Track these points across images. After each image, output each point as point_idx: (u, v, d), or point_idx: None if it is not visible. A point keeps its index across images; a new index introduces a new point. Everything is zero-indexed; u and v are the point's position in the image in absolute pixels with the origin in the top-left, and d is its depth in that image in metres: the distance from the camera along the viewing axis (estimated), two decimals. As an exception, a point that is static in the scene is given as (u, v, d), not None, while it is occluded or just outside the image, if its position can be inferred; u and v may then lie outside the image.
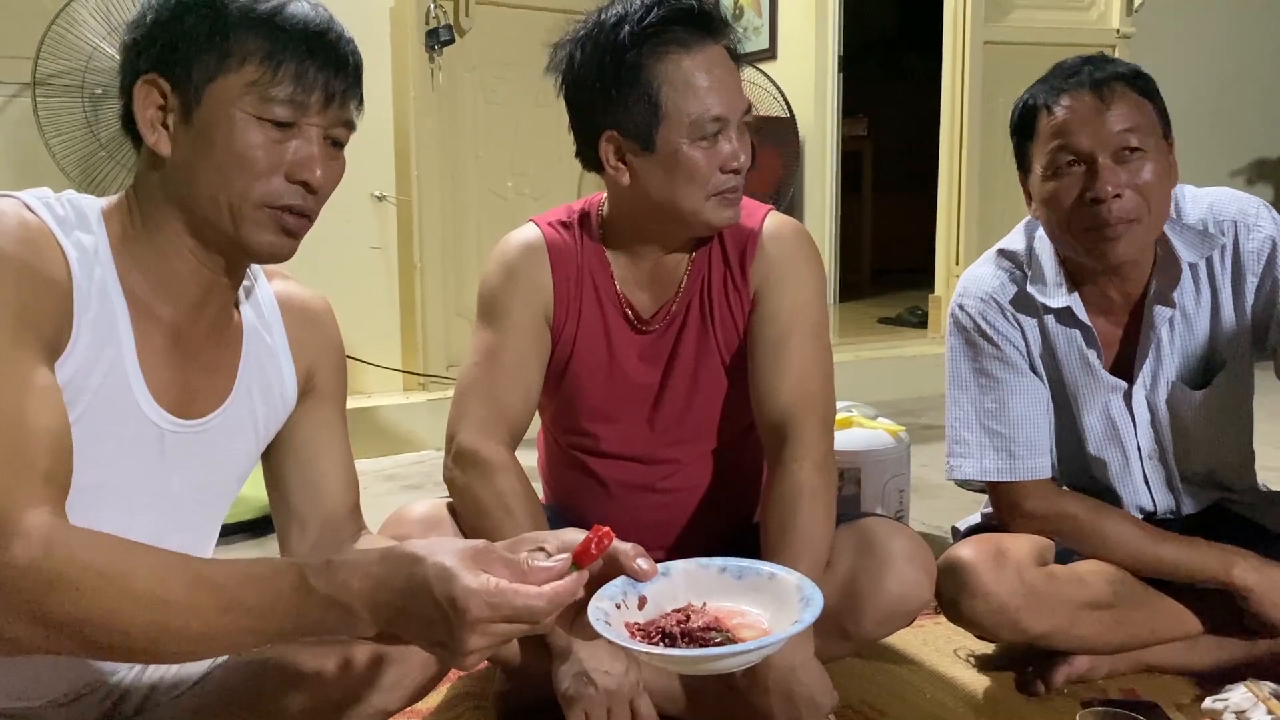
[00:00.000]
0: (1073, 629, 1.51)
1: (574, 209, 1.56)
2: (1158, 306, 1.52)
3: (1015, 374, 1.57)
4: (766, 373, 1.46)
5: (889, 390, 3.79)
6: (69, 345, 0.99)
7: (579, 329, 1.51)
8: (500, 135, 3.46)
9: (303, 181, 1.04)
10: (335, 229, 3.22)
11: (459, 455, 1.44)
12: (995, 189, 4.21)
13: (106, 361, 1.03)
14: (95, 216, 1.05)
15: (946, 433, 1.64)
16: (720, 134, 1.38)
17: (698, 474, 1.57)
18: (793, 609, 0.92)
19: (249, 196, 1.04)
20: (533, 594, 0.84)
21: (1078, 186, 1.44)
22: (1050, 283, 1.55)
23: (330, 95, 1.05)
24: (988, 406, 1.58)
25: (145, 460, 1.08)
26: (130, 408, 1.05)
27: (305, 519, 1.26)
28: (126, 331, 1.04)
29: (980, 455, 1.58)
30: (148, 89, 1.03)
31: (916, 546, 1.42)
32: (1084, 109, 1.43)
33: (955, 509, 2.40)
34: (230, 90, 1.02)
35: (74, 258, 1.00)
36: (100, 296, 1.02)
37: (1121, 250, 1.44)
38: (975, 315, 1.59)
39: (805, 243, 1.52)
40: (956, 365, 1.62)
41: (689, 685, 1.45)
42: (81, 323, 1.00)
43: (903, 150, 5.87)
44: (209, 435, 1.14)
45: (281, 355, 1.22)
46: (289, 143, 1.04)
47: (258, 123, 1.02)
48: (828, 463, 1.42)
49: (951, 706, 1.55)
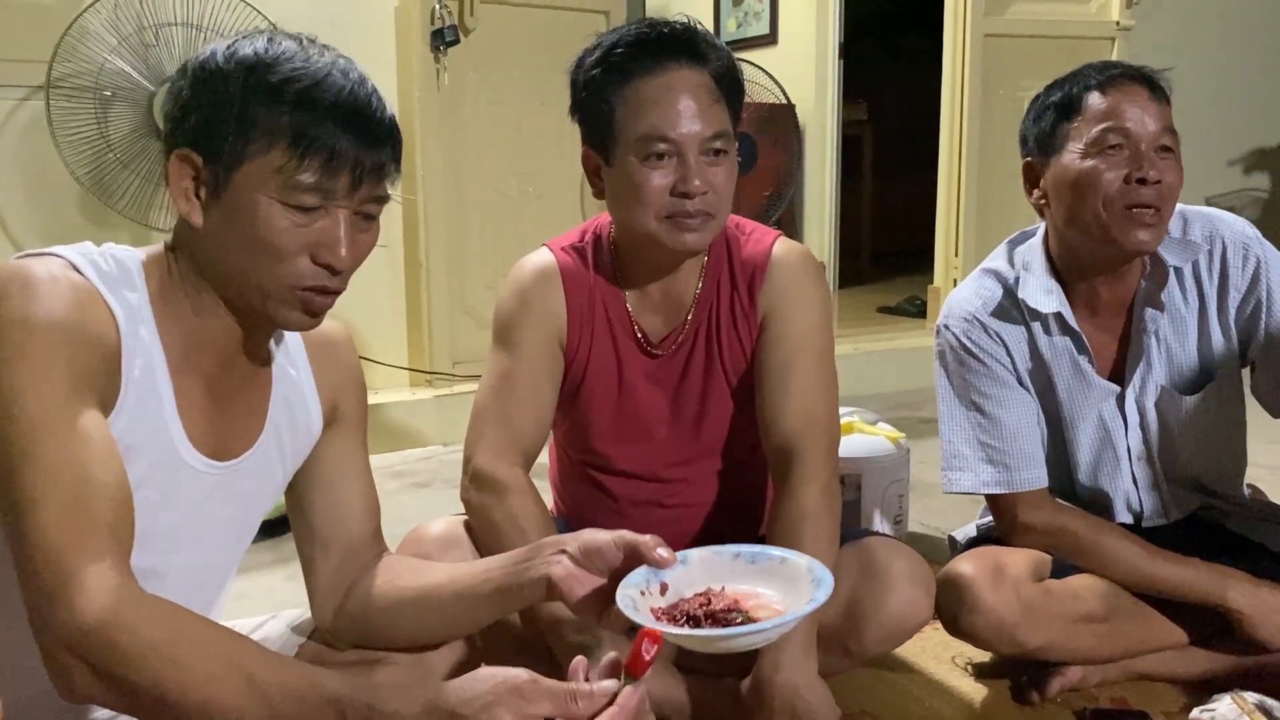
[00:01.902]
0: (1067, 642, 1.56)
1: (586, 230, 1.59)
2: (1148, 309, 1.57)
3: (1004, 389, 1.62)
4: (773, 397, 1.49)
5: (888, 382, 3.80)
6: (119, 401, 1.03)
7: (591, 352, 1.54)
8: (504, 135, 3.46)
9: (326, 265, 1.04)
10: None
11: (475, 477, 1.48)
12: (994, 182, 4.20)
13: (150, 415, 1.06)
14: (137, 272, 1.07)
15: (942, 446, 1.68)
16: (670, 156, 1.39)
17: (705, 491, 1.62)
18: (805, 590, 0.98)
19: (275, 278, 1.04)
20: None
21: (1122, 167, 1.49)
22: (1040, 288, 1.59)
23: (359, 177, 1.02)
24: (980, 422, 1.63)
25: (186, 503, 1.12)
26: (172, 455, 1.09)
27: (329, 543, 1.30)
28: (166, 385, 1.07)
29: (976, 469, 1.63)
30: (181, 163, 1.03)
31: (917, 567, 1.47)
32: (1138, 96, 1.50)
33: (953, 510, 2.44)
34: (257, 174, 1.01)
35: (121, 316, 1.03)
36: (144, 353, 1.05)
37: (1146, 238, 1.49)
38: (960, 335, 1.64)
39: (812, 270, 1.56)
40: (947, 383, 1.67)
41: (697, 699, 1.50)
42: (129, 379, 1.03)
43: (902, 134, 5.85)
44: (241, 474, 1.18)
45: (306, 389, 1.25)
46: (314, 224, 1.03)
47: (283, 208, 1.01)
48: (831, 485, 1.46)
49: (948, 715, 1.60)
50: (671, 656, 1.54)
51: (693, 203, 1.39)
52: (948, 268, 4.34)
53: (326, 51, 1.05)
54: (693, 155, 1.39)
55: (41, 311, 0.96)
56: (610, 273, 1.55)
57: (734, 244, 1.56)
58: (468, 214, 3.44)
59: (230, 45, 1.04)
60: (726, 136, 1.42)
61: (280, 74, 1.01)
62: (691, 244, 1.42)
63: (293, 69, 1.01)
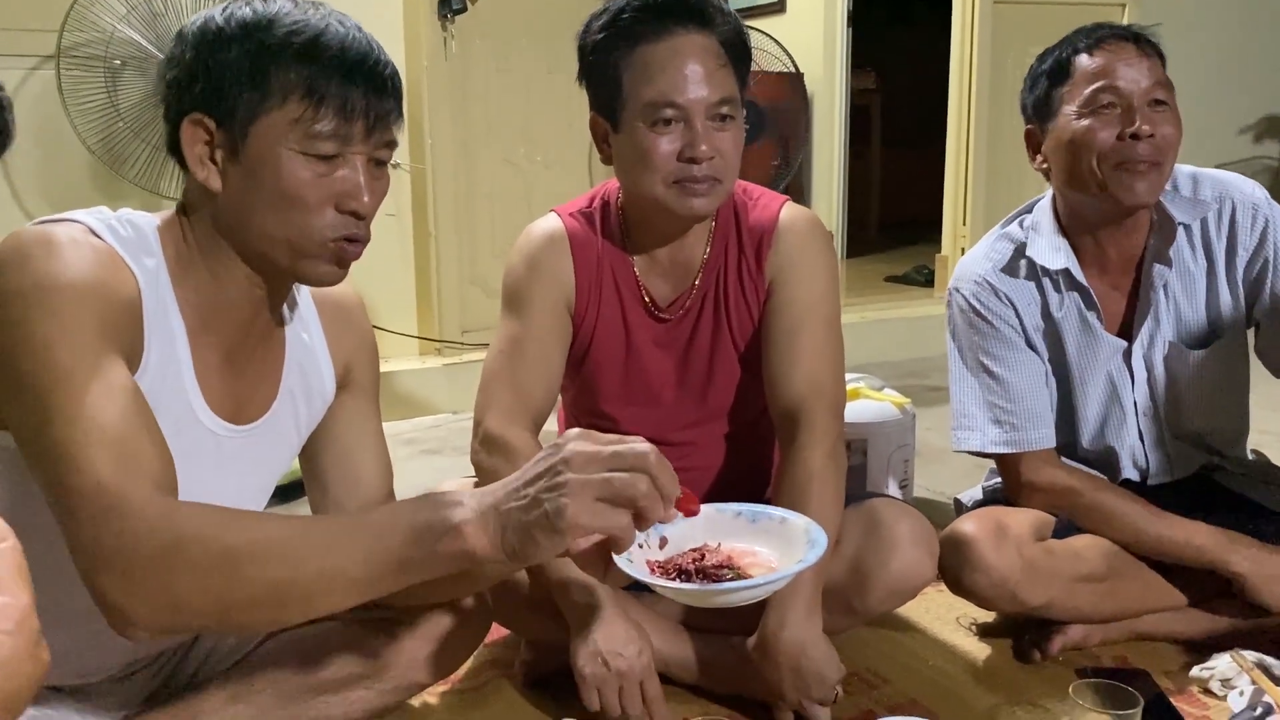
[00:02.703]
0: (1068, 600, 1.58)
1: (595, 196, 1.59)
2: (1156, 265, 1.60)
3: (1012, 351, 1.65)
4: (780, 362, 1.51)
5: (895, 351, 3.80)
6: (142, 364, 1.04)
7: (599, 317, 1.56)
8: (512, 103, 3.45)
9: (351, 211, 1.07)
10: None
11: (485, 440, 1.50)
12: (1003, 151, 4.17)
13: (171, 379, 1.08)
14: (153, 237, 1.09)
15: (951, 406, 1.71)
16: (677, 121, 1.39)
17: (712, 454, 1.64)
18: (800, 550, 1.00)
19: (306, 233, 1.06)
20: (635, 439, 0.89)
21: (1114, 125, 1.52)
22: (1048, 246, 1.63)
23: (373, 123, 1.05)
24: (988, 383, 1.65)
25: (204, 467, 1.13)
26: (190, 420, 1.11)
27: (342, 505, 1.32)
28: (185, 350, 1.09)
29: (984, 428, 1.65)
30: (194, 128, 1.04)
31: (921, 528, 1.49)
32: (1127, 55, 1.54)
33: (959, 476, 2.46)
34: (274, 129, 1.03)
35: (143, 280, 1.04)
36: (162, 317, 1.07)
37: (1142, 190, 1.52)
38: (970, 297, 1.66)
39: (820, 235, 1.56)
40: (957, 344, 1.70)
41: (703, 657, 1.52)
42: (151, 342, 1.05)
43: (911, 104, 5.81)
44: (257, 438, 1.20)
45: (320, 353, 1.27)
46: (335, 173, 1.05)
47: (304, 159, 1.03)
48: (837, 450, 1.48)
49: (952, 674, 1.63)
50: (678, 616, 1.57)
51: (700, 168, 1.40)
52: (955, 237, 4.33)
53: (320, 6, 1.07)
54: (700, 121, 1.39)
55: (68, 270, 0.98)
56: (618, 238, 1.56)
57: (742, 209, 1.57)
58: (476, 183, 3.43)
59: (225, 8, 1.06)
60: (734, 102, 1.42)
61: (282, 28, 1.03)
62: (699, 209, 1.43)
63: (293, 23, 1.03)
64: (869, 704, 1.53)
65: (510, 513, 0.88)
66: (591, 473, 0.86)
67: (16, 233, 1.01)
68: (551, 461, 0.88)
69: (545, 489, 0.87)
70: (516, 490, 0.89)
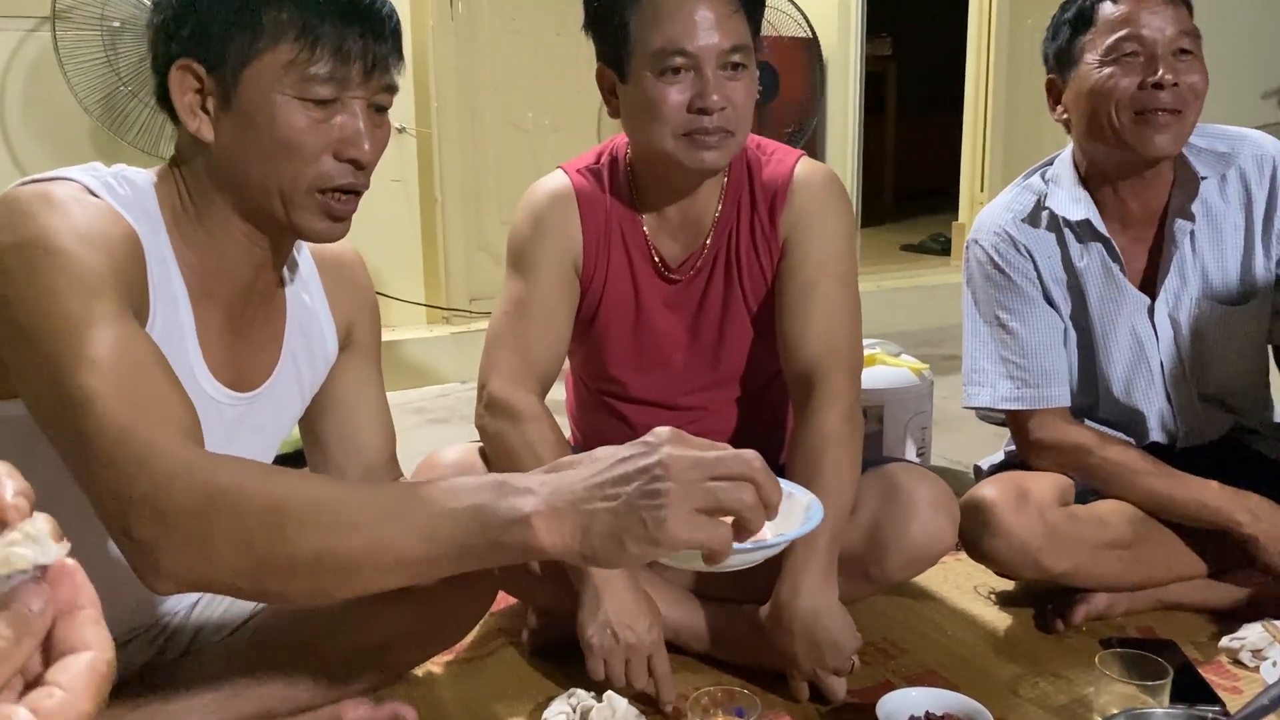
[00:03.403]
0: (1092, 567, 1.54)
1: (603, 152, 1.55)
2: (1178, 220, 1.56)
3: (1029, 305, 1.61)
4: (794, 322, 1.46)
5: (911, 320, 3.77)
6: (148, 326, 1.00)
7: (607, 278, 1.51)
8: (519, 66, 3.40)
9: (351, 159, 1.02)
10: None
11: (490, 404, 1.46)
12: (1020, 117, 4.13)
13: (174, 344, 1.04)
14: (151, 195, 1.04)
15: (964, 362, 1.67)
16: (687, 70, 1.34)
17: (724, 419, 1.59)
18: (795, 525, 0.94)
19: (300, 182, 1.02)
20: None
21: (1137, 73, 1.48)
22: (1069, 197, 1.59)
23: (371, 65, 1.01)
24: (1002, 338, 1.62)
25: (208, 435, 1.10)
26: (193, 387, 1.06)
27: (344, 469, 1.30)
28: (187, 313, 1.05)
29: (995, 384, 1.62)
30: (182, 75, 1.00)
31: (941, 493, 1.44)
32: (1151, 3, 1.50)
33: (977, 444, 2.42)
34: (267, 73, 0.98)
35: (145, 238, 1.00)
36: (165, 279, 1.03)
37: (1164, 142, 1.48)
38: (989, 249, 1.62)
39: (836, 191, 1.51)
40: (974, 298, 1.66)
41: (715, 626, 1.49)
42: (156, 305, 1.01)
43: (927, 71, 5.73)
44: (260, 405, 1.16)
45: (321, 313, 1.24)
46: (333, 119, 1.01)
47: (300, 104, 0.99)
48: (854, 412, 1.43)
49: (972, 644, 1.58)
50: (689, 584, 1.53)
51: (711, 119, 1.35)
52: (973, 204, 4.28)
53: None
54: (710, 69, 1.34)
55: (73, 222, 0.93)
56: (627, 195, 1.51)
57: (755, 165, 1.52)
58: (483, 147, 3.39)
59: None
60: (746, 50, 1.36)
61: None
62: (710, 162, 1.38)
63: None
64: (886, 674, 1.49)
65: (597, 514, 0.77)
66: (693, 480, 0.76)
67: (9, 191, 0.96)
68: (647, 463, 0.77)
69: (642, 495, 0.76)
70: (604, 488, 0.77)
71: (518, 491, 0.79)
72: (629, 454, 0.79)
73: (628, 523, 0.76)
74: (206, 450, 0.87)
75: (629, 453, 0.79)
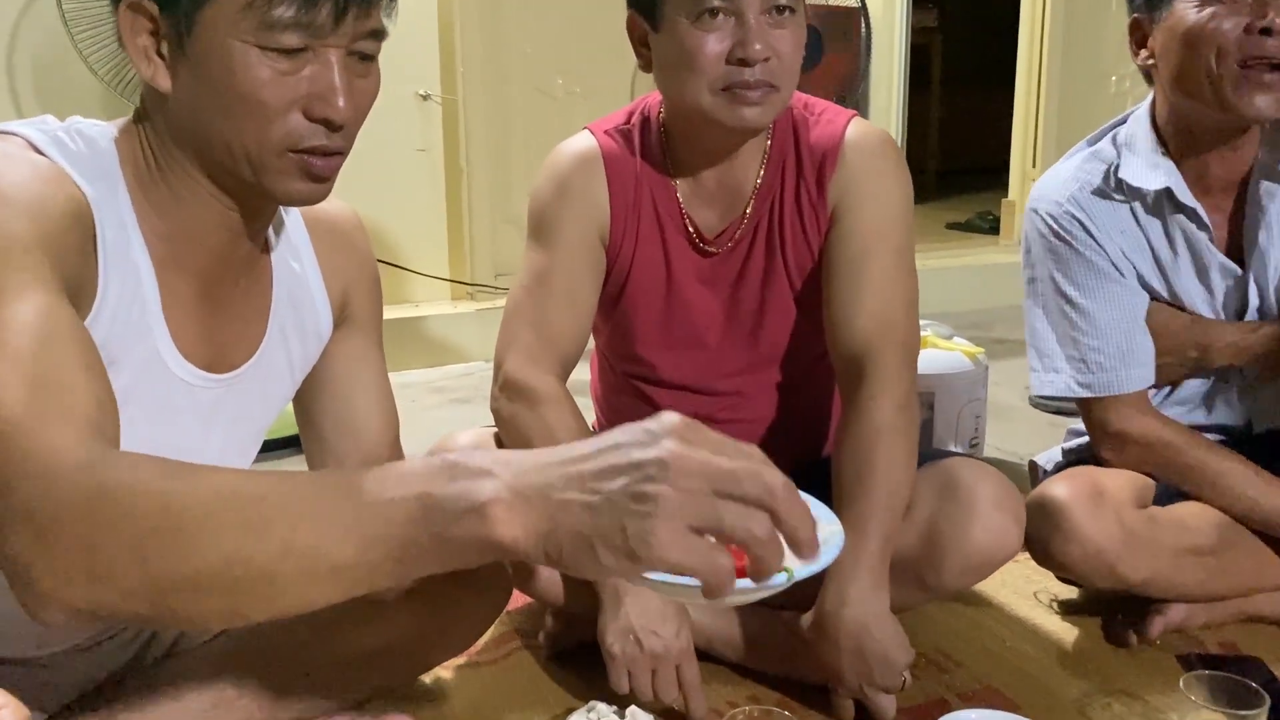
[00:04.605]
0: (1173, 576, 1.41)
1: (634, 112, 1.42)
2: (1264, 182, 1.42)
3: (1099, 279, 1.46)
4: (843, 299, 1.33)
5: (957, 301, 3.65)
6: (95, 305, 0.88)
7: (636, 249, 1.39)
8: (549, 30, 3.30)
9: (323, 119, 0.89)
10: (378, 130, 3.03)
11: (506, 385, 1.35)
12: (1076, 89, 3.98)
13: (134, 321, 0.92)
14: (109, 152, 0.92)
15: (1029, 349, 1.52)
16: (727, 15, 1.21)
17: (763, 406, 1.47)
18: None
19: (266, 143, 0.89)
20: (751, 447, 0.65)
21: (1244, 14, 1.32)
22: (1145, 164, 1.44)
23: (343, 7, 0.86)
24: (1072, 316, 1.47)
25: (178, 423, 0.98)
26: (159, 368, 0.95)
27: (343, 457, 1.18)
28: (151, 285, 0.93)
29: (1066, 369, 1.47)
30: (133, 16, 0.88)
31: (1006, 491, 1.31)
32: None
33: (1031, 434, 2.29)
34: (224, 17, 0.85)
35: (97, 204, 0.88)
36: (123, 248, 0.91)
37: (1267, 104, 1.33)
38: (1052, 220, 1.47)
39: (892, 155, 1.38)
40: (1035, 274, 1.51)
41: (751, 633, 1.38)
42: (109, 278, 0.89)
43: (974, 44, 5.58)
44: (242, 386, 1.04)
45: (313, 283, 1.12)
46: (302, 71, 0.88)
47: (261, 54, 0.86)
48: (909, 400, 1.30)
49: (1034, 656, 1.45)
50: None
51: (753, 71, 1.22)
52: (1024, 179, 4.13)
53: None
54: (753, 14, 1.21)
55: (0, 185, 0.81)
56: (659, 159, 1.38)
57: (801, 126, 1.39)
58: (511, 115, 3.29)
59: None
60: None
61: None
62: (751, 120, 1.25)
63: None
64: (940, 690, 1.36)
65: (569, 507, 0.62)
66: (695, 490, 0.61)
67: None
68: (643, 457, 0.61)
69: (628, 495, 0.61)
70: (584, 479, 0.62)
71: (472, 473, 0.64)
72: (623, 440, 0.63)
73: (604, 526, 0.61)
74: (104, 447, 0.72)
75: (624, 439, 0.63)
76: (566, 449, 0.64)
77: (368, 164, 2.97)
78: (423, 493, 0.64)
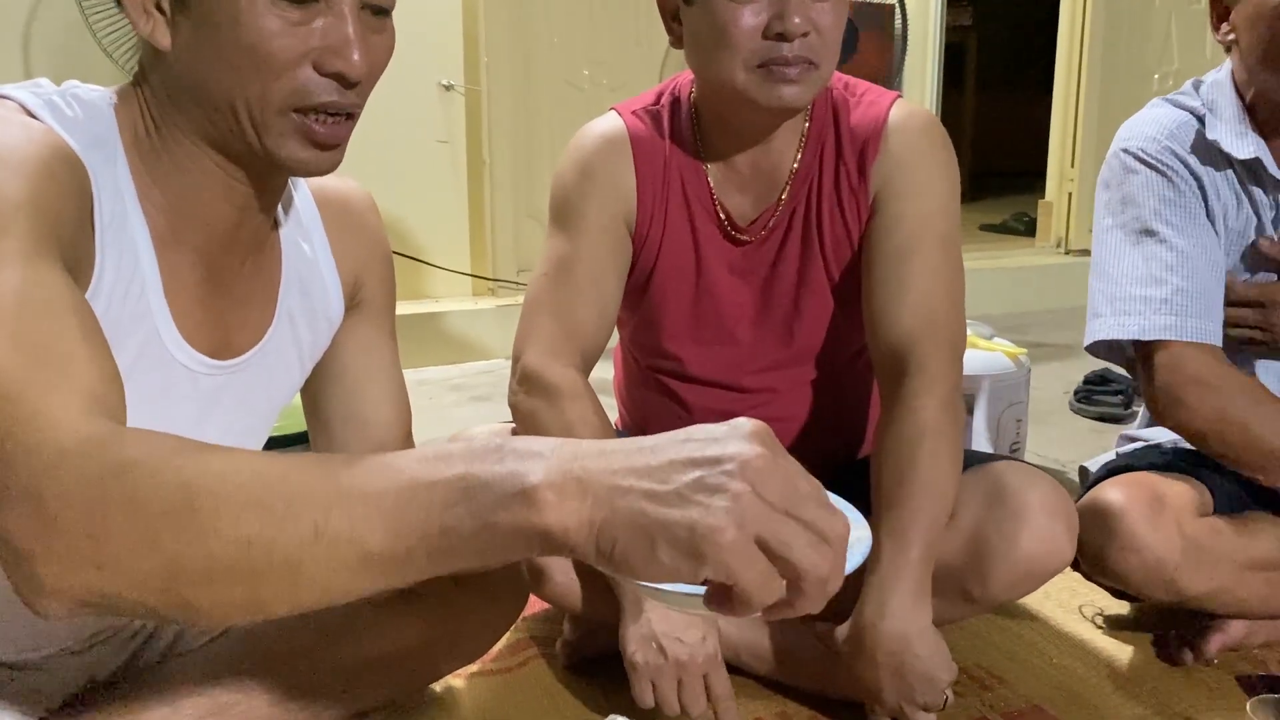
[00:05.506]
0: (1236, 590, 1.32)
1: (663, 92, 1.36)
2: None
3: (1193, 221, 1.36)
4: (885, 292, 1.26)
5: (992, 304, 3.59)
6: (92, 283, 0.83)
7: (664, 237, 1.33)
8: (577, 20, 3.26)
9: (336, 73, 0.83)
10: (399, 121, 3.09)
11: (525, 378, 1.29)
12: (1118, 87, 3.90)
13: (133, 302, 0.87)
14: (107, 118, 0.87)
15: (1091, 298, 1.40)
16: None
17: (796, 404, 1.40)
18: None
19: (271, 99, 0.83)
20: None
21: None
22: (1233, 131, 1.35)
23: None
24: (1161, 254, 1.35)
25: (180, 412, 0.93)
26: (159, 353, 0.89)
27: (351, 450, 1.12)
28: (150, 264, 0.87)
29: (1144, 311, 1.34)
30: None
31: (1057, 497, 1.22)
32: None
33: (1070, 441, 2.21)
34: None
35: (93, 169, 0.82)
36: (121, 222, 0.85)
37: None
38: (1148, 154, 1.38)
39: (939, 138, 1.30)
40: (1117, 215, 1.40)
41: (782, 646, 1.31)
42: (106, 255, 0.84)
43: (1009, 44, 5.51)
44: (248, 373, 0.99)
45: (324, 266, 1.06)
46: (314, 22, 0.82)
47: (269, 3, 0.81)
48: (954, 400, 1.23)
49: (1082, 675, 1.36)
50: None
51: (791, 46, 1.15)
52: (1063, 180, 4.05)
53: None
54: None
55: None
56: (690, 141, 1.32)
57: (842, 107, 1.31)
58: (536, 107, 3.26)
59: None
60: None
61: None
62: (789, 99, 1.18)
63: None
64: (983, 709, 1.28)
65: (631, 495, 0.56)
66: (772, 500, 0.55)
67: None
68: (720, 453, 0.56)
69: (702, 487, 0.55)
70: (649, 466, 0.57)
71: (522, 455, 0.58)
72: (698, 435, 0.58)
73: (671, 518, 0.55)
74: (118, 425, 0.66)
75: (698, 433, 0.58)
76: (631, 440, 0.58)
77: (388, 155, 2.98)
78: (466, 473, 0.58)
